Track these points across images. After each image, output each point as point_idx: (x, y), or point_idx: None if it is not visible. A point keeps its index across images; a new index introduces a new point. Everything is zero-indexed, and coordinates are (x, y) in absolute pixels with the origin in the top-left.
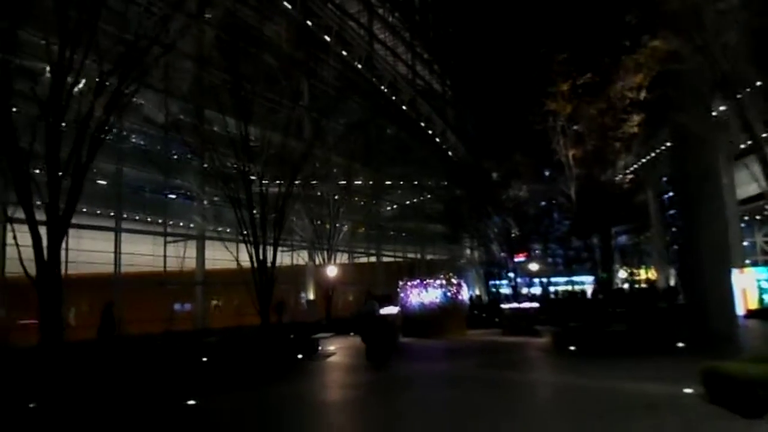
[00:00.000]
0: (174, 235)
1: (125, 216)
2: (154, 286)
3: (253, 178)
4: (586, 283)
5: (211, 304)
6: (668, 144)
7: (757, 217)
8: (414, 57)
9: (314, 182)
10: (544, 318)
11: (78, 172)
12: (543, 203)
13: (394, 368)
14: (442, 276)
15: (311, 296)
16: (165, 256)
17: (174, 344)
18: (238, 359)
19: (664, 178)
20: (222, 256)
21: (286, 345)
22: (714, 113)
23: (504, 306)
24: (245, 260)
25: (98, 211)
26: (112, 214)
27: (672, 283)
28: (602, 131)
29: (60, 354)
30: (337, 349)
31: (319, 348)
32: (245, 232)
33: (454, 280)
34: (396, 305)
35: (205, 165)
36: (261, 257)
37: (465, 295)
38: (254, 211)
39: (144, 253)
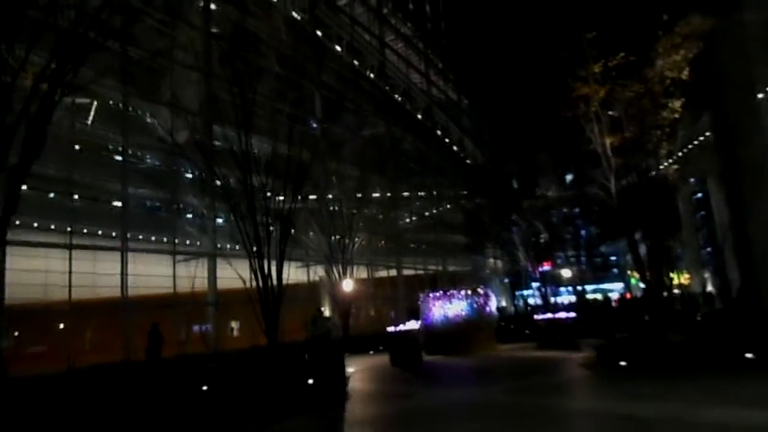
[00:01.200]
0: (184, 254)
1: (129, 236)
2: (164, 309)
3: (255, 185)
4: (615, 291)
5: (230, 324)
6: (702, 138)
7: None
8: (428, 65)
9: (327, 194)
10: (582, 329)
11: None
12: (565, 210)
13: (418, 395)
14: (466, 286)
15: (327, 313)
16: (174, 276)
17: (173, 370)
18: (242, 387)
19: (692, 180)
20: (234, 275)
21: (298, 368)
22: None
23: (537, 317)
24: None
25: (99, 231)
26: (114, 234)
27: (709, 288)
28: (641, 116)
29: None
30: (354, 372)
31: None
32: (248, 246)
33: (480, 290)
34: (418, 319)
35: (203, 175)
36: (266, 272)
37: (493, 305)
38: (258, 223)
39: (153, 273)
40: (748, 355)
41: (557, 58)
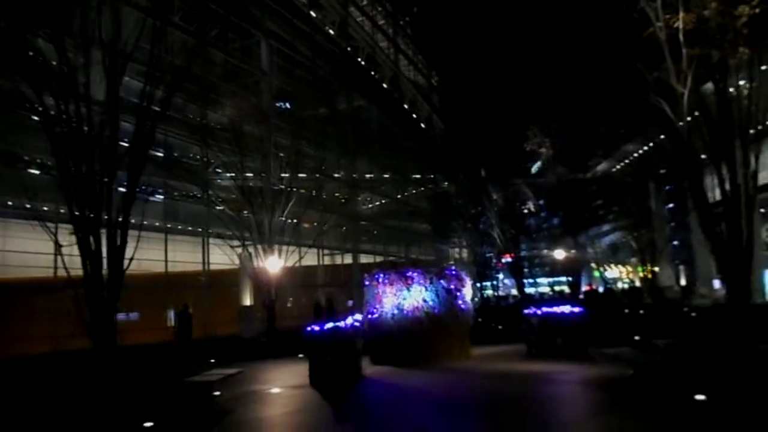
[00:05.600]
0: None
1: None
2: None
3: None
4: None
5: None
6: None
7: None
8: (396, 31)
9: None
10: (594, 330)
11: None
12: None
13: None
14: (433, 269)
15: (247, 302)
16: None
17: None
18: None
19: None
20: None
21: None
22: None
23: (528, 312)
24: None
25: None
26: None
27: (683, 282)
28: None
29: None
30: (258, 391)
31: (217, 393)
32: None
33: (450, 272)
34: (355, 314)
35: None
36: (94, 248)
37: (468, 294)
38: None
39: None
40: None
41: None
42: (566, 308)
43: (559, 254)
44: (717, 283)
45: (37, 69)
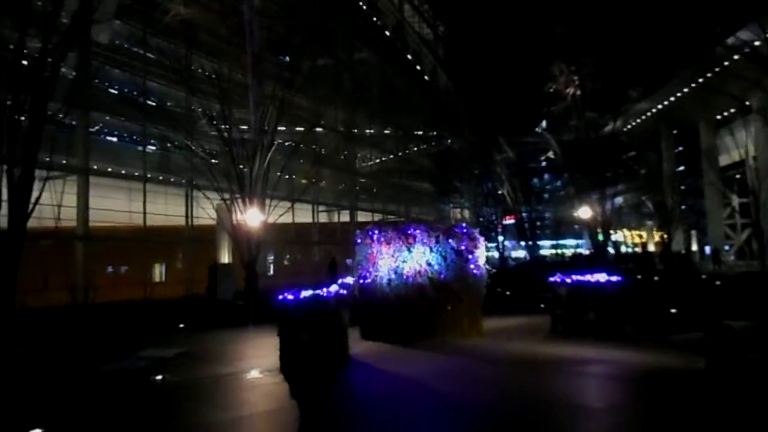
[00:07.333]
0: None
1: None
2: None
3: None
4: (582, 247)
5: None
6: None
7: None
8: None
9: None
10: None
11: None
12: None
13: None
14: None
15: (225, 260)
16: None
17: None
18: None
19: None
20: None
21: None
22: None
23: (556, 280)
24: None
25: None
26: None
27: (694, 247)
28: None
29: None
30: (210, 377)
31: (158, 378)
32: None
33: (462, 230)
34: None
35: None
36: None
37: (482, 257)
38: None
39: None
40: None
41: None
42: (601, 276)
43: (585, 212)
44: (727, 249)
45: None
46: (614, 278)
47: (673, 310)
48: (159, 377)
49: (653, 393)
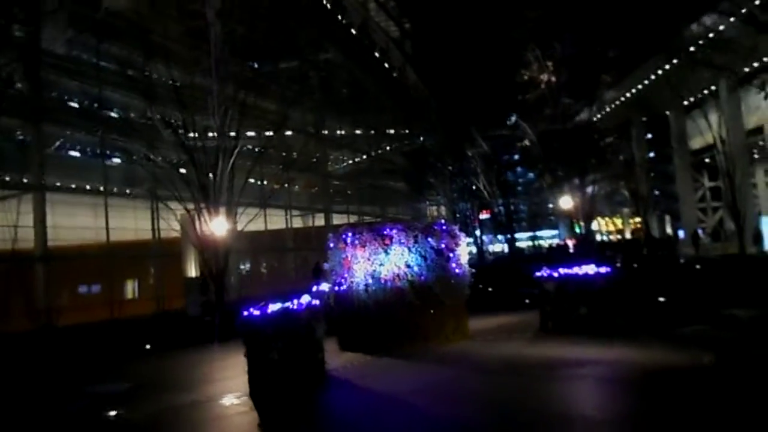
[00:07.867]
0: None
1: None
2: None
3: None
4: (558, 238)
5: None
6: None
7: None
8: None
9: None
10: (633, 297)
11: None
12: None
13: None
14: (418, 224)
15: (192, 273)
16: None
17: None
18: None
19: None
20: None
21: None
22: None
23: (543, 275)
24: None
25: None
26: None
27: (668, 231)
28: None
29: None
30: (172, 408)
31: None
32: None
33: (441, 227)
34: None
35: None
36: None
37: (464, 255)
38: None
39: None
40: None
41: None
42: (590, 268)
43: (566, 202)
44: (701, 233)
45: None
46: (603, 269)
47: (671, 301)
48: (113, 413)
49: (660, 397)
